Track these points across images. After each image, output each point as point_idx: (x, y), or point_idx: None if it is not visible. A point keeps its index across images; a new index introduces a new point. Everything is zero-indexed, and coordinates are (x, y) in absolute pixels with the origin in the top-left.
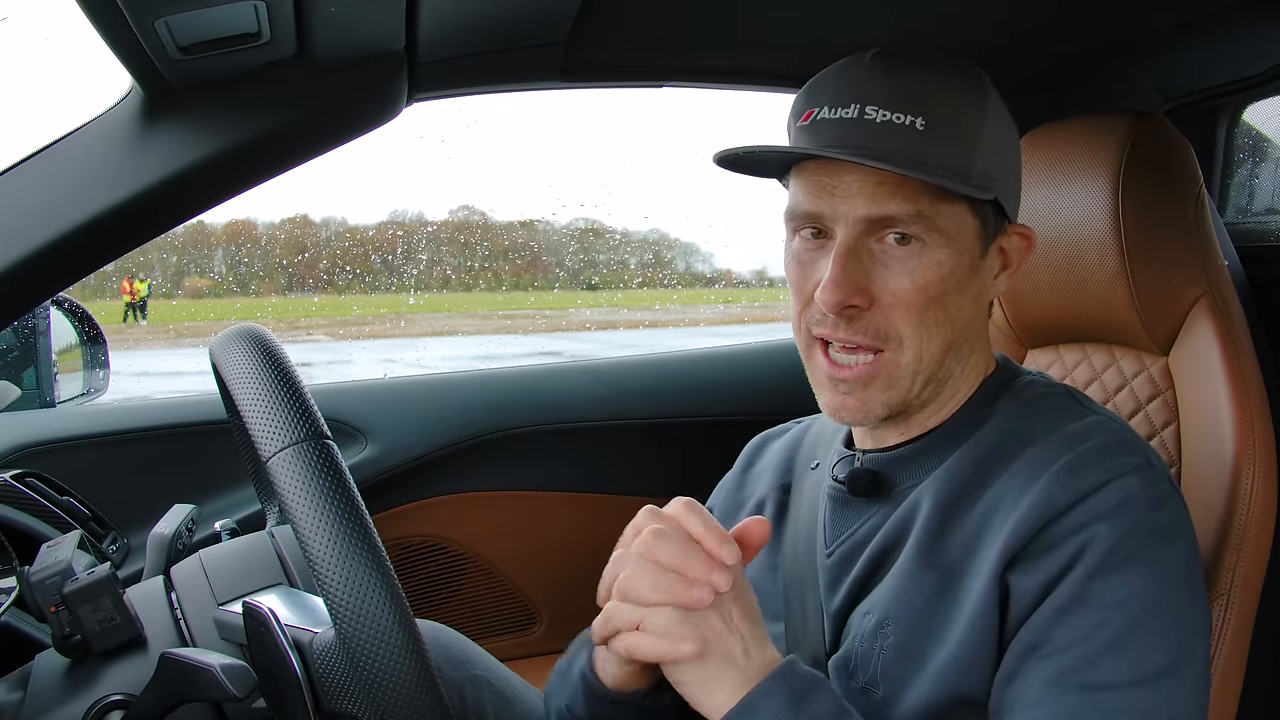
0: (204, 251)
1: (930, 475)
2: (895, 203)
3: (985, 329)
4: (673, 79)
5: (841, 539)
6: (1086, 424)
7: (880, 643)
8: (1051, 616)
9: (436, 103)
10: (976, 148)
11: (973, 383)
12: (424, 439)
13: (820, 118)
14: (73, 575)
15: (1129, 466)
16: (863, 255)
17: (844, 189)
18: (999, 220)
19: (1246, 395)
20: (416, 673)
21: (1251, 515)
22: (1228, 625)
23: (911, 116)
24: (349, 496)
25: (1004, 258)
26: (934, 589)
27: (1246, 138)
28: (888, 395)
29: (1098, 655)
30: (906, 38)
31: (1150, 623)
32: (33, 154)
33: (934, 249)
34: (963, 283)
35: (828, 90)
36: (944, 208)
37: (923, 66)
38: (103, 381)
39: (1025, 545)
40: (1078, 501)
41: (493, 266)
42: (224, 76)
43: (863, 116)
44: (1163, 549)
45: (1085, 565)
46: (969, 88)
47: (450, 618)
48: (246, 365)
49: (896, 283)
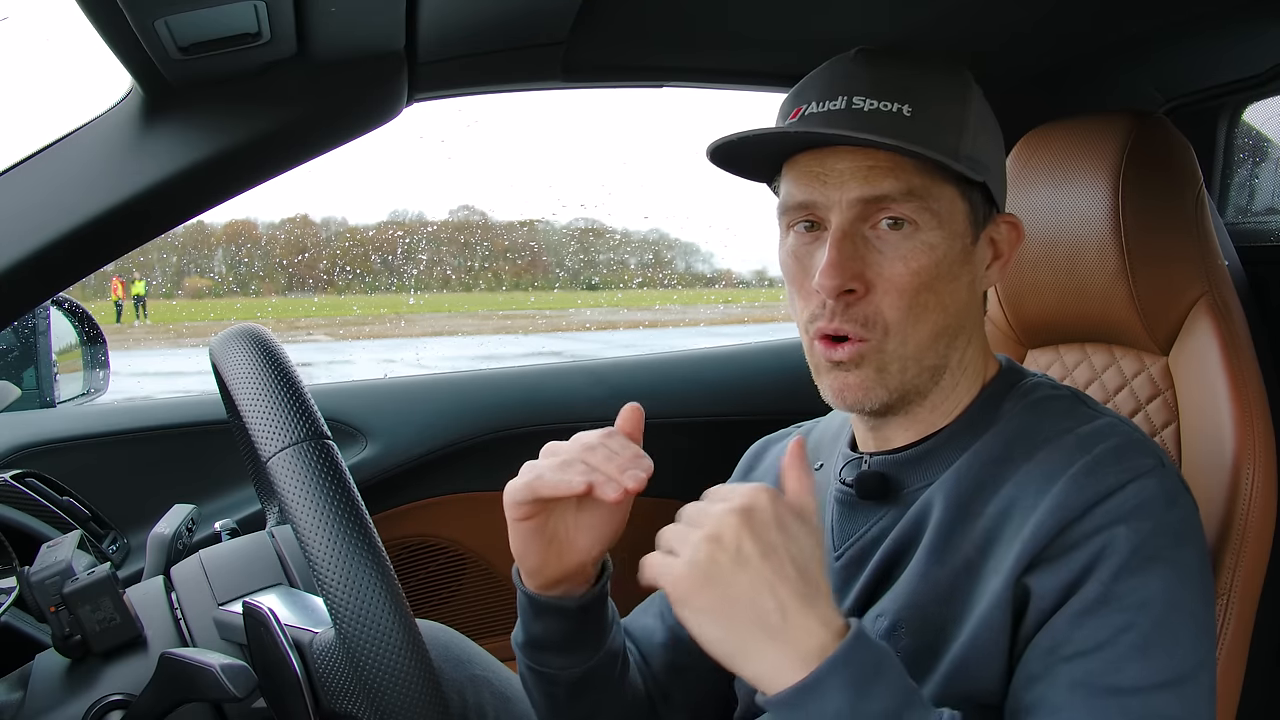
0: (204, 251)
1: (940, 477)
2: (888, 181)
3: (981, 323)
4: (673, 79)
5: (850, 542)
6: (1098, 426)
7: (894, 645)
8: (1074, 619)
9: (436, 103)
10: (963, 133)
11: (973, 379)
12: (424, 439)
13: (808, 113)
14: (73, 575)
15: (1145, 468)
16: (858, 241)
17: (836, 176)
18: (988, 208)
19: (1246, 395)
20: (416, 673)
21: (1251, 515)
22: (1228, 625)
23: (898, 104)
24: (349, 496)
25: (995, 248)
26: (947, 591)
27: (1246, 138)
28: (883, 378)
29: (1122, 659)
30: (906, 37)
31: (1171, 625)
32: (33, 154)
33: (926, 231)
34: (955, 268)
35: (815, 87)
36: (935, 188)
37: (907, 60)
38: (103, 381)
39: (1044, 548)
40: (1096, 503)
41: (493, 266)
42: (224, 76)
43: (850, 106)
44: (1180, 549)
45: (1108, 566)
46: (952, 78)
47: (450, 618)
48: (246, 365)
49: (891, 268)
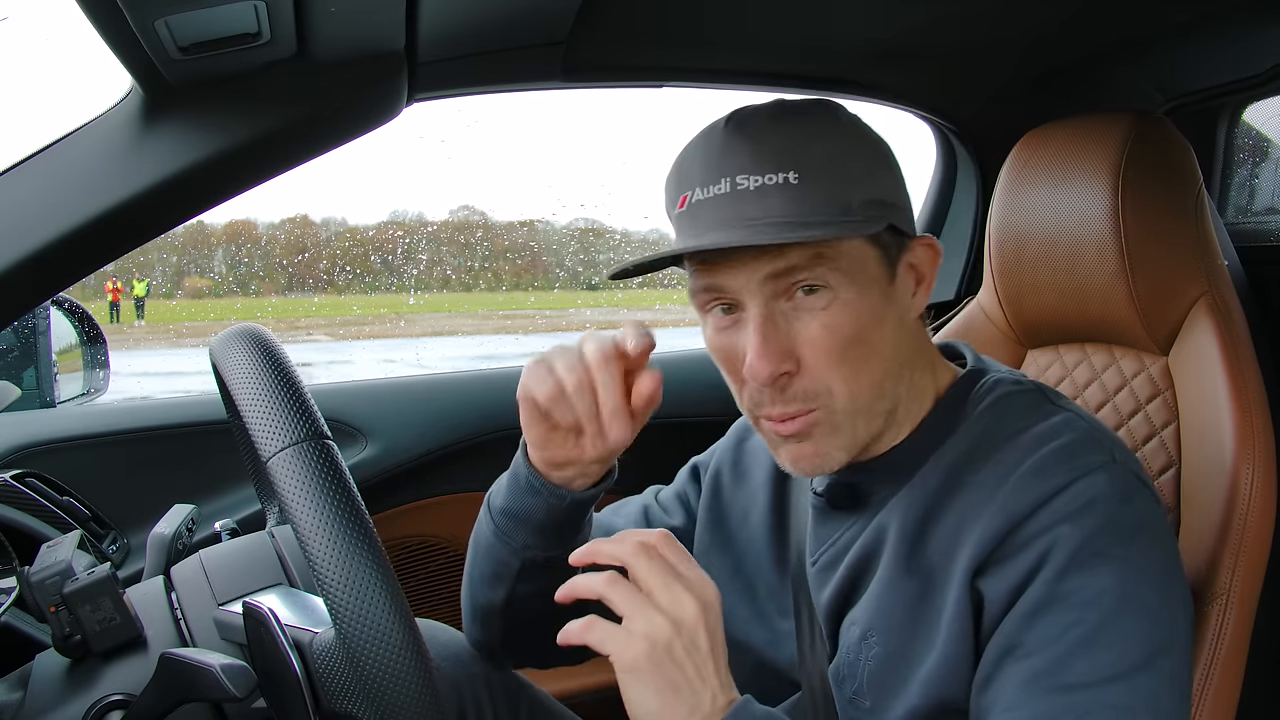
0: (204, 251)
1: (905, 485)
2: (793, 253)
3: (923, 346)
4: (673, 79)
5: (824, 549)
6: (1054, 423)
7: (865, 654)
8: (1023, 619)
9: (436, 103)
10: (855, 181)
11: (928, 395)
12: (424, 439)
13: (695, 200)
14: (73, 575)
15: (1094, 465)
16: (778, 319)
17: (740, 261)
18: (900, 240)
19: (1246, 395)
20: (416, 672)
21: (1251, 515)
22: (1227, 625)
23: (783, 174)
24: (349, 496)
25: (916, 272)
26: (914, 598)
27: (1246, 138)
28: (837, 439)
29: (1070, 655)
30: (905, 38)
31: (1123, 619)
32: (33, 154)
33: (841, 290)
34: (879, 315)
35: (696, 169)
36: (841, 245)
37: (779, 119)
38: (103, 381)
39: (993, 551)
40: (1043, 503)
41: (493, 266)
42: (224, 76)
43: (735, 189)
44: (1132, 544)
45: (1053, 566)
46: (827, 124)
47: (450, 618)
48: (246, 365)
49: (816, 336)
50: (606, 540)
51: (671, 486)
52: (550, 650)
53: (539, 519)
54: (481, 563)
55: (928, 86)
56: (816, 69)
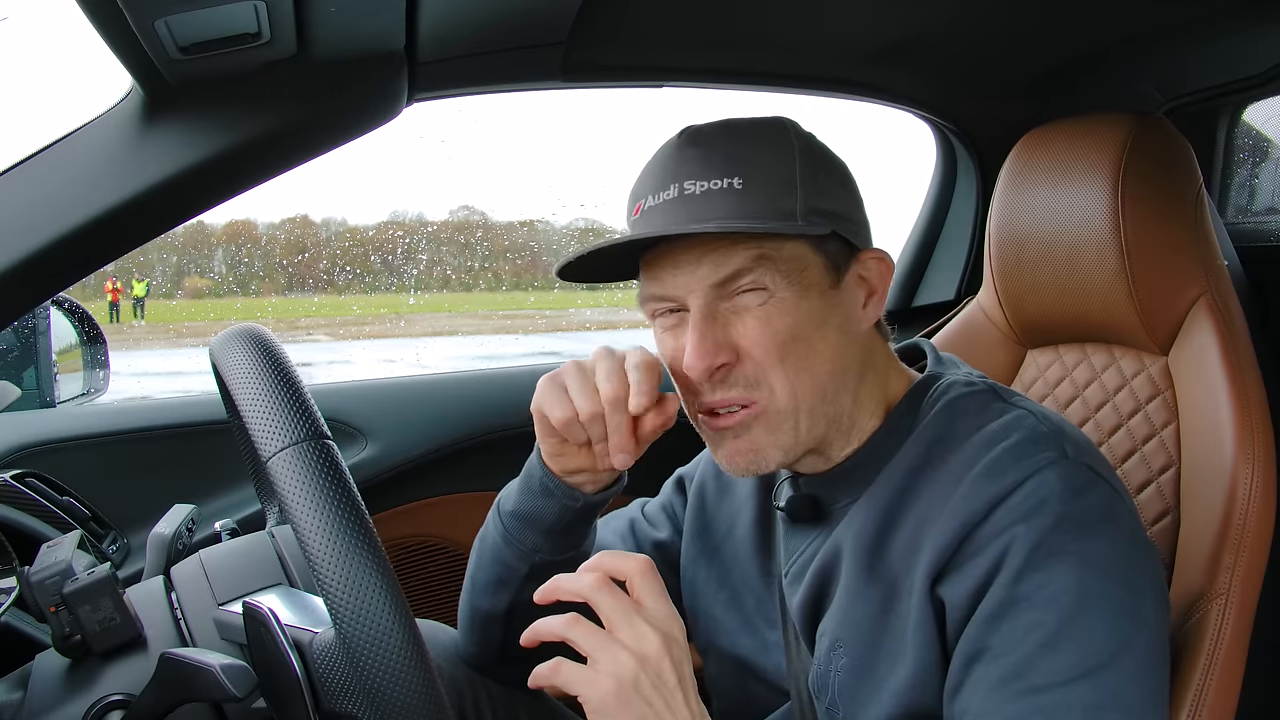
0: (204, 251)
1: (863, 494)
2: (736, 257)
3: (873, 357)
4: (673, 79)
5: (792, 561)
6: (1005, 421)
7: (834, 664)
8: (986, 623)
9: (436, 103)
10: (798, 189)
11: (881, 403)
12: (424, 439)
13: (646, 207)
14: (73, 575)
15: (1044, 462)
16: (718, 316)
17: (686, 264)
18: (848, 251)
19: (1246, 395)
20: (416, 672)
21: (1250, 515)
22: (1227, 625)
23: (728, 179)
24: (349, 496)
25: (867, 285)
26: (878, 608)
27: (1246, 138)
28: (775, 438)
29: (1034, 656)
30: (905, 38)
31: (1083, 615)
32: (33, 154)
33: (781, 291)
34: (819, 318)
35: (650, 180)
36: (785, 248)
37: (730, 132)
38: (103, 381)
39: (950, 557)
40: (996, 505)
41: (493, 266)
42: (224, 76)
43: (682, 194)
44: (1089, 539)
45: (1010, 568)
46: (778, 137)
47: (450, 618)
48: (246, 365)
49: (756, 331)
50: (568, 576)
51: (657, 499)
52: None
53: (550, 520)
54: (487, 568)
55: (928, 86)
56: (816, 69)
